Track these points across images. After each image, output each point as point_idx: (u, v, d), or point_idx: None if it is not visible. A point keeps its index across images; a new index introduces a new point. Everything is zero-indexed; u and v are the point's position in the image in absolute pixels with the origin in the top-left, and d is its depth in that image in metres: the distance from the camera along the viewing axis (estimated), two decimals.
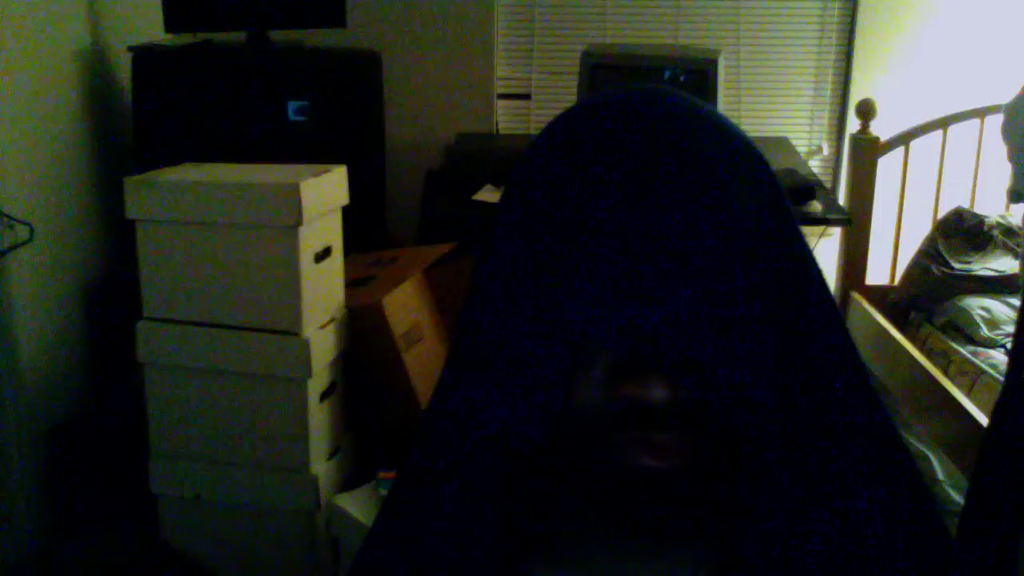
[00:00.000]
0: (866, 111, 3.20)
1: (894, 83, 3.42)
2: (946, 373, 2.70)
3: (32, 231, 2.22)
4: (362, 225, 2.54)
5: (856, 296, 3.25)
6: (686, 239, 0.55)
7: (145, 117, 2.69)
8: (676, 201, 0.56)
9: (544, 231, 0.59)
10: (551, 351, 0.57)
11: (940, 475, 2.54)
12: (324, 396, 2.18)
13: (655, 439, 0.56)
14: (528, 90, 3.54)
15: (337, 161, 2.24)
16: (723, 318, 0.55)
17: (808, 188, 2.73)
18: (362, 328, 2.29)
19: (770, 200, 0.60)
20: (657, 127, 0.58)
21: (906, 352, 2.79)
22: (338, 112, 2.76)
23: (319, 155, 2.39)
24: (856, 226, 3.14)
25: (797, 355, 0.58)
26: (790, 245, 0.60)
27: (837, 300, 3.34)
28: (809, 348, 0.59)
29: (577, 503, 0.63)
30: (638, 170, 0.57)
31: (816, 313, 0.60)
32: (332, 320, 2.20)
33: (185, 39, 2.85)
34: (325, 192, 2.14)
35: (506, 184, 0.64)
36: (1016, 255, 3.03)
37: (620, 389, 0.56)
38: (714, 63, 2.69)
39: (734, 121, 0.64)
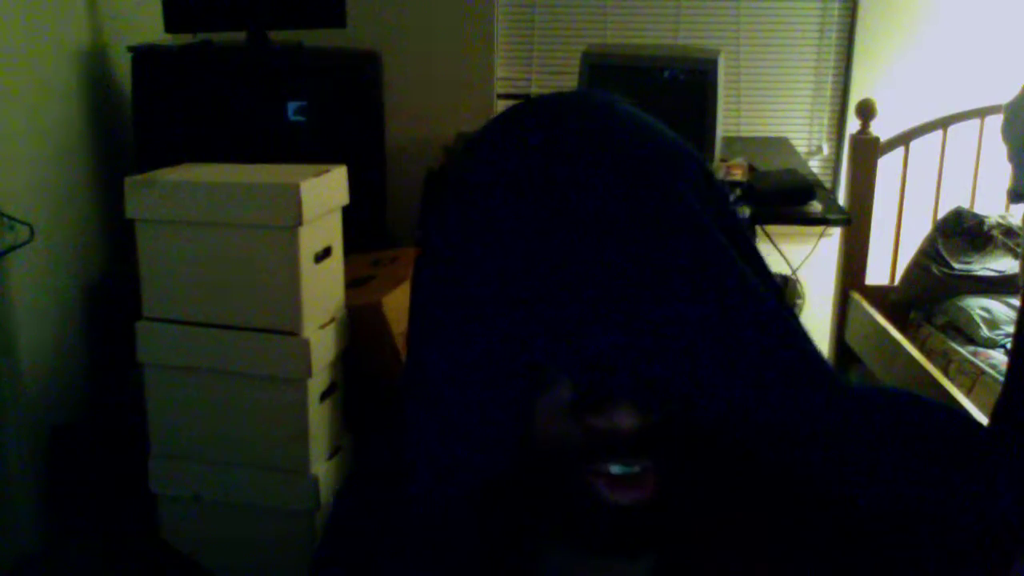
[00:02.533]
0: (866, 111, 3.20)
1: (894, 83, 3.41)
2: (946, 373, 2.70)
3: (32, 231, 2.22)
4: (362, 225, 2.54)
5: (856, 296, 3.25)
6: (638, 256, 0.53)
7: (145, 117, 2.69)
8: (624, 216, 0.54)
9: (489, 252, 0.56)
10: (504, 379, 0.55)
11: None
12: (324, 396, 2.18)
13: (621, 474, 0.55)
14: (528, 90, 3.54)
15: (337, 161, 2.24)
16: (684, 330, 0.53)
17: (808, 188, 2.73)
18: (362, 328, 2.29)
19: (714, 201, 0.59)
20: (600, 136, 0.57)
21: (906, 352, 2.79)
22: (338, 112, 2.76)
23: (319, 155, 2.39)
24: (856, 226, 3.14)
25: (756, 356, 0.56)
26: (737, 244, 0.59)
27: (837, 300, 3.35)
28: (765, 346, 0.57)
29: (544, 529, 0.62)
30: (584, 185, 0.55)
31: (772, 320, 0.58)
32: (332, 320, 2.20)
33: (185, 39, 2.85)
34: (325, 192, 2.14)
35: (447, 193, 0.61)
36: (1016, 255, 3.03)
37: (586, 418, 0.54)
38: (714, 63, 2.69)
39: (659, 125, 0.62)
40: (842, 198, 3.36)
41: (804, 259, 3.25)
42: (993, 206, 3.30)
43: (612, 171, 0.55)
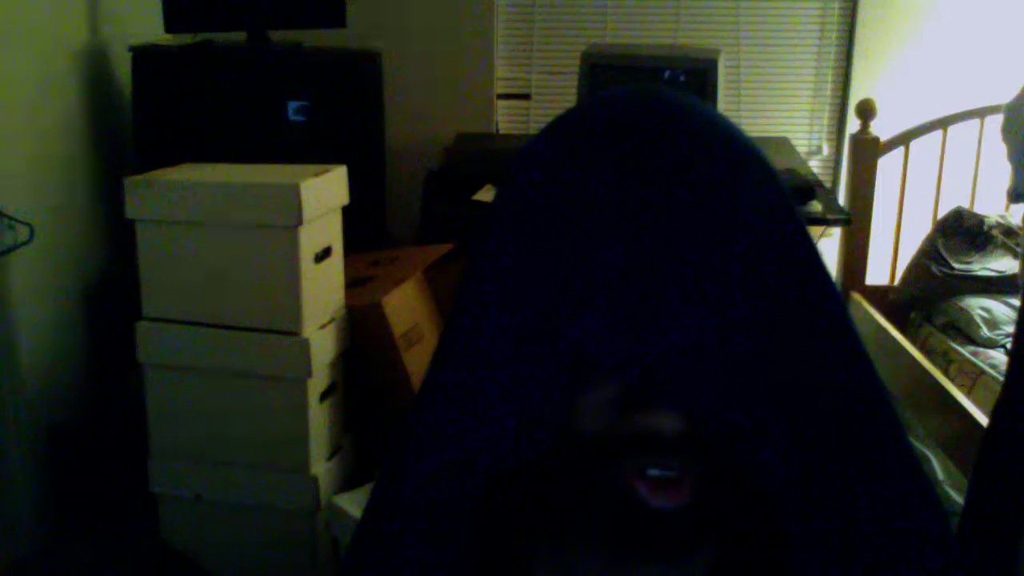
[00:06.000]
0: (866, 111, 3.20)
1: (894, 83, 3.41)
2: (946, 373, 2.70)
3: (32, 231, 2.22)
4: (362, 225, 2.54)
5: (856, 296, 3.25)
6: (697, 261, 0.53)
7: (145, 117, 2.69)
8: (687, 219, 0.54)
9: (545, 244, 0.56)
10: (549, 371, 0.55)
11: (940, 475, 2.54)
12: (324, 396, 2.18)
13: (658, 475, 0.54)
14: (528, 90, 3.54)
15: (337, 161, 2.24)
16: (737, 347, 0.53)
17: (808, 188, 2.73)
18: (362, 328, 2.29)
19: (780, 212, 0.58)
20: (668, 136, 0.56)
21: (906, 352, 2.79)
22: (338, 112, 2.76)
23: (319, 155, 2.39)
24: (856, 226, 3.14)
25: (814, 388, 0.57)
26: (804, 263, 0.59)
27: None
28: (828, 380, 0.57)
29: (571, 523, 0.61)
30: (647, 185, 0.55)
31: (834, 339, 0.58)
32: (332, 320, 2.20)
33: (185, 39, 2.85)
34: (325, 192, 2.14)
35: (501, 188, 0.62)
36: (1016, 255, 3.03)
37: (630, 417, 0.54)
38: (714, 63, 2.68)
39: (736, 123, 0.62)
40: (842, 198, 3.36)
41: None
42: (993, 206, 3.30)
43: (681, 172, 0.55)
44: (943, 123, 3.30)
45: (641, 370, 0.53)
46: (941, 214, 3.30)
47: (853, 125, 3.31)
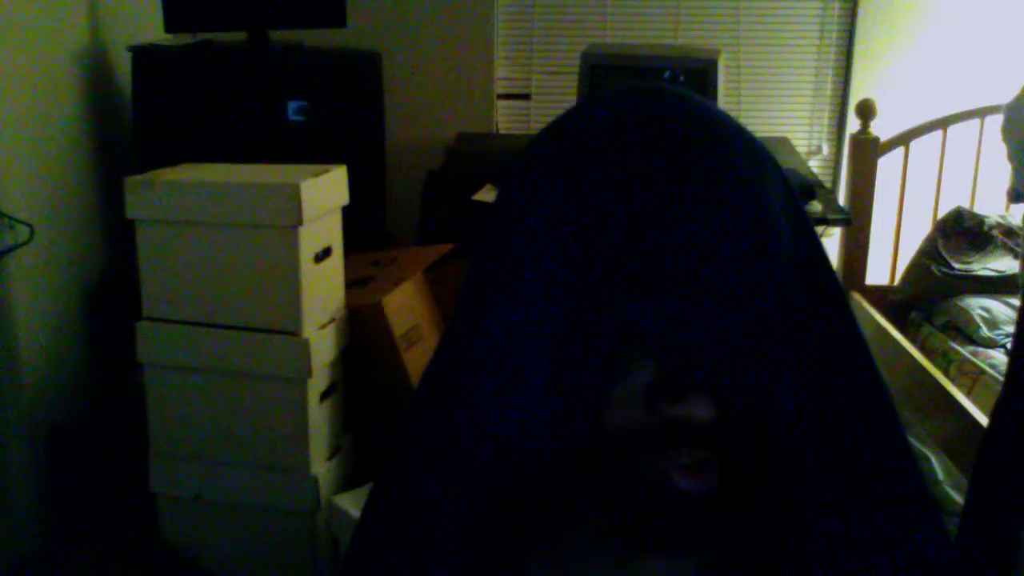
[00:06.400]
0: (866, 111, 3.19)
1: (894, 83, 3.41)
2: (946, 373, 2.70)
3: (32, 231, 2.22)
4: (362, 225, 2.54)
5: (856, 296, 3.25)
6: (698, 259, 0.54)
7: (145, 117, 2.69)
8: (693, 214, 0.54)
9: (558, 241, 0.56)
10: (587, 361, 0.55)
11: (940, 475, 2.54)
12: (324, 396, 2.18)
13: (689, 461, 0.55)
14: (528, 90, 3.54)
15: (337, 161, 2.24)
16: (760, 335, 0.54)
17: (808, 188, 2.73)
18: (362, 328, 2.29)
19: (789, 208, 0.59)
20: (673, 132, 0.57)
21: (906, 352, 2.79)
22: (338, 112, 2.76)
23: (319, 155, 2.39)
24: (856, 226, 3.14)
25: (816, 386, 0.58)
26: (811, 260, 0.59)
27: None
28: (829, 379, 0.59)
29: (589, 510, 0.61)
30: (654, 181, 0.55)
31: (837, 337, 0.60)
32: (332, 320, 2.20)
33: (185, 39, 2.85)
34: (325, 192, 2.14)
35: (507, 187, 0.61)
36: (1016, 255, 3.03)
37: (661, 406, 0.55)
38: (714, 63, 2.68)
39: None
40: (842, 198, 3.36)
41: None
42: (993, 206, 3.30)
43: (686, 166, 0.56)
44: (943, 123, 3.30)
45: (681, 358, 0.53)
46: (941, 214, 3.30)
47: (853, 125, 3.31)
